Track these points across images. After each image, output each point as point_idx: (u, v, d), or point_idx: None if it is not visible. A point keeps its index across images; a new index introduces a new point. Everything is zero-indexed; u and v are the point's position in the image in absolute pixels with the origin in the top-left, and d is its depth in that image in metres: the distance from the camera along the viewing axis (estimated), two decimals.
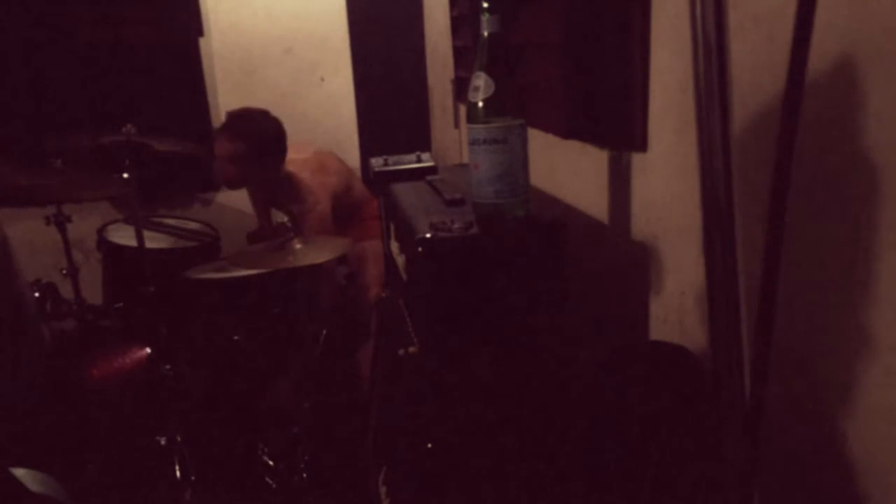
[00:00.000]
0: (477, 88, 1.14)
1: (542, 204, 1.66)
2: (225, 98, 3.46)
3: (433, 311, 1.20)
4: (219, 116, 3.47)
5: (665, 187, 1.19)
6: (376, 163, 1.75)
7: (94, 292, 2.65)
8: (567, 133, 1.50)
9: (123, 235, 2.64)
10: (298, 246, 2.01)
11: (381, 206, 1.78)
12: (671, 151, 1.16)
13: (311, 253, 2.00)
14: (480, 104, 1.14)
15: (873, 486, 0.79)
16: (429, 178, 1.62)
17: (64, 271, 2.40)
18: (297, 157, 2.63)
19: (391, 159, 1.76)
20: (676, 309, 1.20)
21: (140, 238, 2.11)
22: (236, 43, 3.39)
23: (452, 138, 2.98)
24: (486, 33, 1.13)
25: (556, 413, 1.20)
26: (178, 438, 2.11)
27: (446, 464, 1.22)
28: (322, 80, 3.49)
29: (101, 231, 2.72)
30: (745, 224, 0.49)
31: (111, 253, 2.62)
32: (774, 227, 0.45)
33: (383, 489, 1.54)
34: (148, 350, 2.24)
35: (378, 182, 1.72)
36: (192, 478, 2.05)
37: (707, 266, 0.50)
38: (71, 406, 2.13)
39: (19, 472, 1.22)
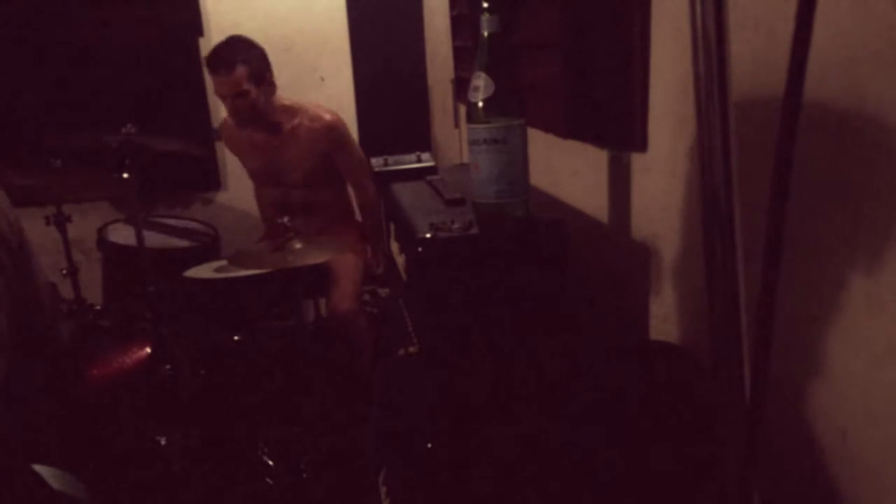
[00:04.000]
0: (477, 88, 1.14)
1: (542, 204, 1.66)
2: None
3: (433, 311, 1.20)
4: (219, 116, 3.47)
5: (665, 187, 1.19)
6: (376, 163, 1.75)
7: (94, 292, 2.65)
8: (567, 133, 1.50)
9: (123, 235, 2.64)
10: (298, 246, 2.01)
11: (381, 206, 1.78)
12: (671, 151, 1.16)
13: (311, 253, 2.00)
14: (480, 104, 1.14)
15: (873, 487, 0.79)
16: (429, 178, 1.62)
17: (64, 271, 2.40)
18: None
19: (391, 159, 1.76)
20: (676, 309, 1.20)
21: (140, 238, 2.11)
22: None
23: (452, 138, 2.98)
24: (486, 33, 1.13)
25: (556, 413, 1.20)
26: (178, 438, 2.11)
27: (446, 464, 1.22)
28: (322, 80, 3.49)
29: (101, 231, 2.72)
30: (745, 224, 0.49)
31: (111, 253, 2.63)
32: (774, 227, 0.45)
33: (383, 489, 1.53)
34: (148, 350, 2.24)
35: (378, 182, 1.72)
36: (193, 478, 2.05)
37: (707, 266, 0.50)
38: (71, 406, 2.13)
39: (43, 470, 1.22)
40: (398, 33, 3.48)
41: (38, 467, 1.21)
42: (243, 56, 2.39)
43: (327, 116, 2.59)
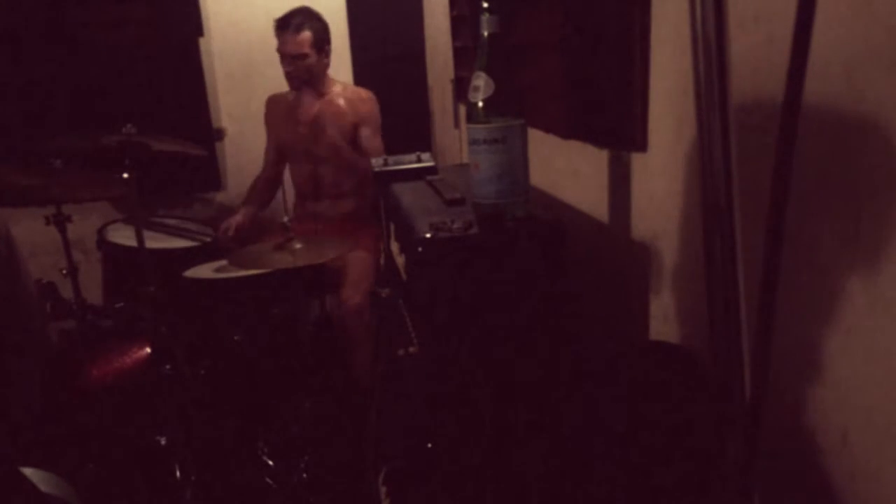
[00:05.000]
0: (477, 88, 1.14)
1: (542, 204, 1.66)
2: (225, 98, 3.46)
3: (433, 311, 1.20)
4: (219, 116, 3.47)
5: (665, 187, 1.19)
6: (376, 163, 1.75)
7: (94, 292, 2.65)
8: (567, 133, 1.50)
9: (123, 235, 2.64)
10: (298, 246, 2.01)
11: (381, 206, 1.78)
12: (671, 151, 1.16)
13: (311, 253, 2.00)
14: (480, 104, 1.14)
15: (873, 487, 0.79)
16: (429, 178, 1.62)
17: (64, 271, 2.39)
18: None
19: (391, 159, 1.76)
20: (676, 309, 1.20)
21: (140, 238, 2.11)
22: (236, 43, 3.39)
23: (452, 138, 2.98)
24: (486, 33, 1.13)
25: (556, 413, 1.20)
26: (178, 438, 2.11)
27: (446, 464, 1.22)
28: None
29: (101, 231, 2.72)
30: (745, 224, 0.49)
31: (111, 253, 2.62)
32: (774, 226, 0.45)
33: (383, 489, 1.53)
34: (148, 350, 2.24)
35: (378, 182, 1.72)
36: (192, 478, 2.05)
37: (707, 266, 0.50)
38: (71, 406, 2.13)
39: (30, 472, 1.22)
40: (398, 33, 3.48)
41: (26, 470, 1.21)
42: (312, 23, 2.64)
43: (366, 93, 2.85)
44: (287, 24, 2.61)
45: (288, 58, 2.63)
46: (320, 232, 2.76)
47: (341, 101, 2.79)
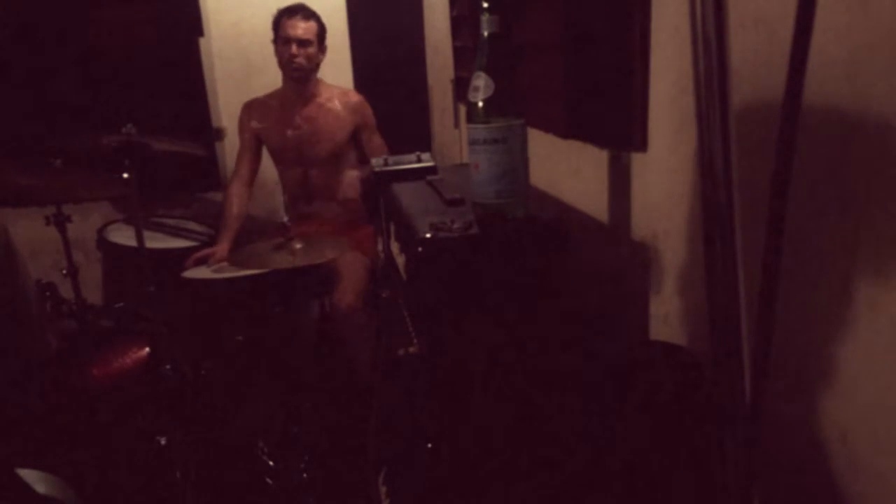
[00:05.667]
0: (477, 88, 1.14)
1: (542, 204, 1.66)
2: (225, 98, 3.46)
3: (433, 311, 1.20)
4: (219, 116, 3.47)
5: (665, 187, 1.19)
6: (376, 163, 1.75)
7: (94, 292, 2.65)
8: (567, 133, 1.50)
9: (123, 235, 2.64)
10: (298, 246, 2.01)
11: (381, 206, 1.78)
12: (671, 151, 1.16)
13: (311, 253, 2.00)
14: (480, 104, 1.14)
15: (873, 487, 0.79)
16: (429, 178, 1.62)
17: (64, 271, 2.39)
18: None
19: (391, 159, 1.76)
20: (676, 309, 1.20)
21: (140, 238, 2.11)
22: (236, 43, 3.39)
23: (452, 138, 2.98)
24: (486, 33, 1.13)
25: (556, 413, 1.20)
26: (178, 438, 2.11)
27: (446, 464, 1.22)
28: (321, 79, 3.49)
29: (101, 231, 2.72)
30: (745, 224, 0.49)
31: (111, 253, 2.63)
32: (774, 226, 0.45)
33: (383, 489, 1.54)
34: (148, 350, 2.24)
35: (378, 182, 1.72)
36: (192, 478, 2.05)
37: (707, 266, 0.50)
38: (71, 406, 2.13)
39: (28, 474, 1.22)
40: (398, 33, 3.48)
41: (23, 471, 1.21)
42: (317, 17, 2.70)
43: (358, 96, 2.88)
44: (296, 11, 2.65)
45: (295, 42, 2.64)
46: (316, 232, 2.75)
47: (337, 105, 2.80)
